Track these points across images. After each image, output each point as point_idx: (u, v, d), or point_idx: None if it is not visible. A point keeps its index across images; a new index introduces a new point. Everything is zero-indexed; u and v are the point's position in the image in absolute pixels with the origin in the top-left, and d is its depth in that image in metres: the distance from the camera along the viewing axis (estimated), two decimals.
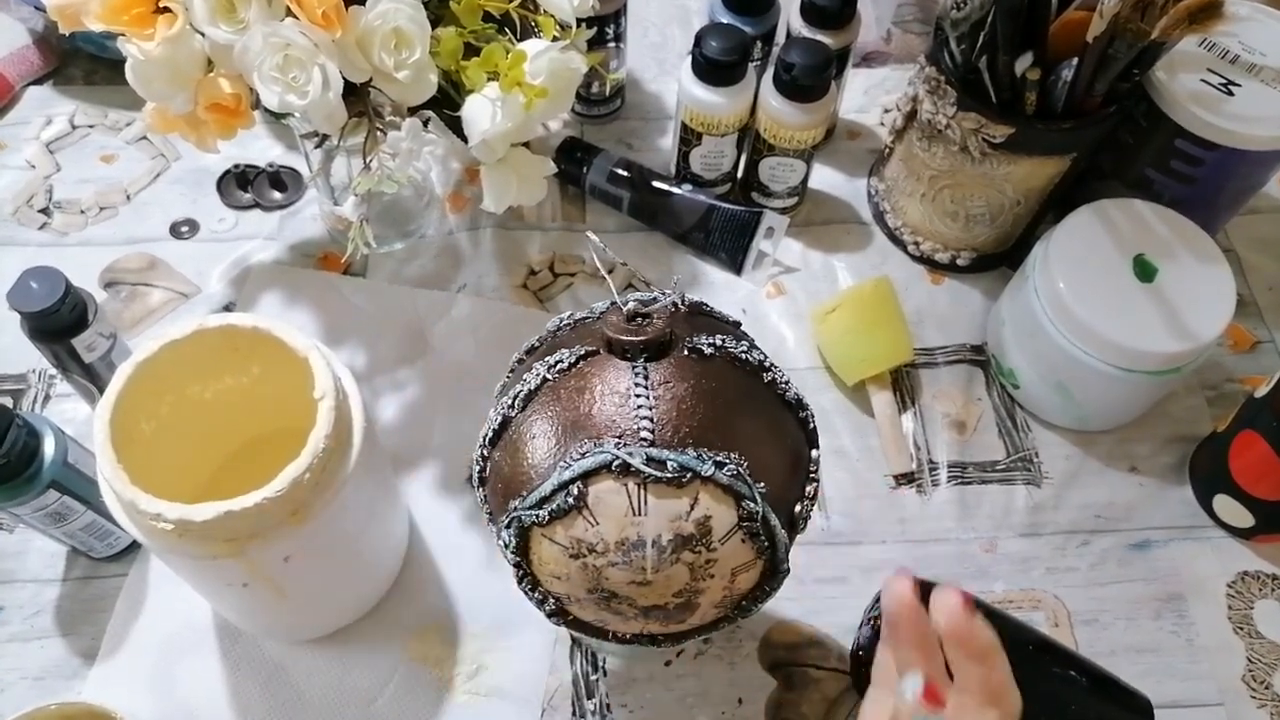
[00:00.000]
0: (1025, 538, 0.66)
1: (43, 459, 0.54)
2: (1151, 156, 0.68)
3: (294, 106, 0.51)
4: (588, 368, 0.43)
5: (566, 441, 0.42)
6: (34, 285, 0.57)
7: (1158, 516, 0.67)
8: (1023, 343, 0.68)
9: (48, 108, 0.83)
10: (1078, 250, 0.65)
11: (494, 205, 0.59)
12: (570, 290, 0.76)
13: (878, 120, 0.86)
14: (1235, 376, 0.74)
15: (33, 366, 0.70)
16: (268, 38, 0.49)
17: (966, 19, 0.61)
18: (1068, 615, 0.64)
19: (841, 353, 0.71)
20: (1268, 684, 0.61)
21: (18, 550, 0.63)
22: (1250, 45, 0.67)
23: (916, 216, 0.76)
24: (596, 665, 0.61)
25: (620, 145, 0.83)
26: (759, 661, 0.62)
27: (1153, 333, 0.62)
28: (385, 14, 0.51)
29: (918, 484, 0.68)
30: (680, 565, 0.41)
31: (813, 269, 0.78)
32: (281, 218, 0.78)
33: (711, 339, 0.44)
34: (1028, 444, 0.70)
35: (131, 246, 0.76)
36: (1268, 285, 0.78)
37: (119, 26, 0.50)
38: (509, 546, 0.44)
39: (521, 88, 0.52)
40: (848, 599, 0.63)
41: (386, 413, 0.69)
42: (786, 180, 0.76)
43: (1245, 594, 0.65)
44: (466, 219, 0.79)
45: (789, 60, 0.68)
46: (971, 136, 0.66)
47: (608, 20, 0.76)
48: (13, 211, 0.77)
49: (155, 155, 0.81)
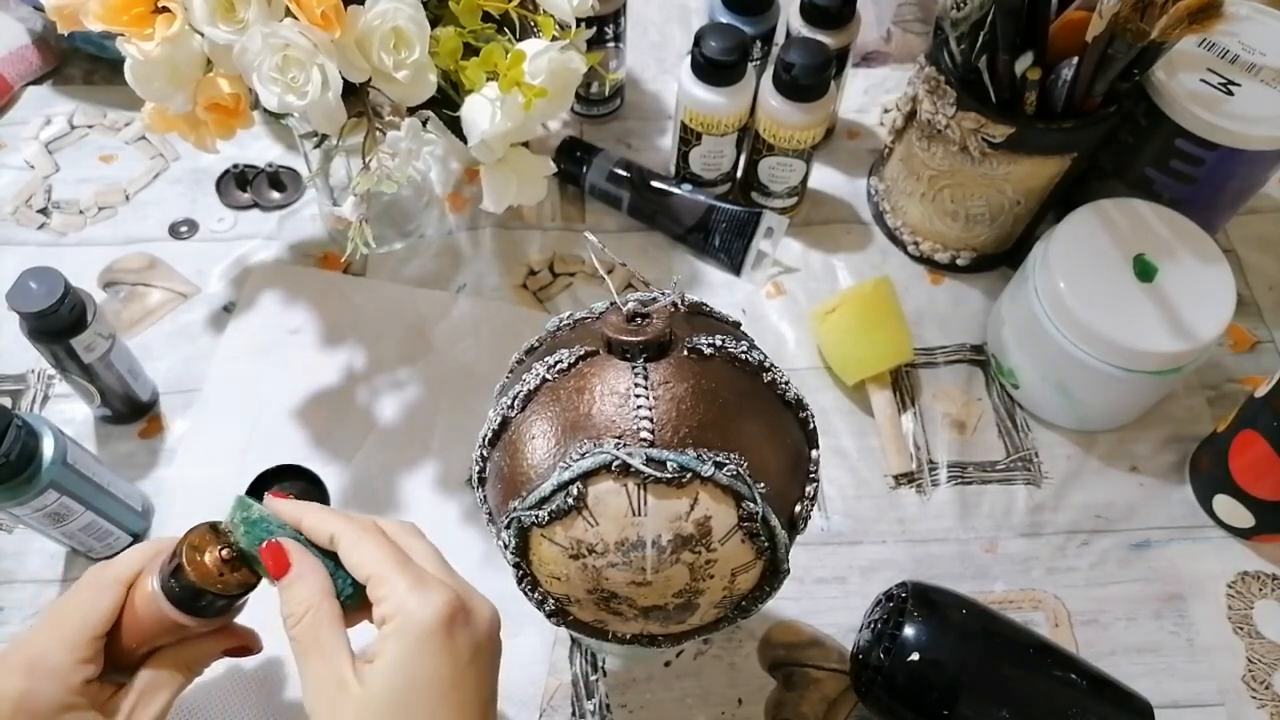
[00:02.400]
0: (1025, 538, 0.66)
1: (41, 459, 0.54)
2: (1151, 156, 0.68)
3: (293, 107, 0.50)
4: (587, 368, 0.43)
5: (566, 442, 0.42)
6: (33, 285, 0.57)
7: (1158, 516, 0.67)
8: (1023, 342, 0.68)
9: (47, 108, 0.83)
10: (1078, 250, 0.65)
11: (494, 205, 0.59)
12: (570, 290, 0.76)
13: (877, 120, 0.86)
14: (1235, 376, 0.74)
15: (31, 367, 0.70)
16: (267, 38, 0.49)
17: (966, 19, 0.61)
18: (1068, 615, 0.64)
19: (841, 353, 0.71)
20: (1268, 684, 0.61)
21: (17, 551, 0.63)
22: (1250, 45, 0.67)
23: (916, 216, 0.76)
24: (596, 665, 0.61)
25: (620, 145, 0.83)
26: (759, 661, 0.62)
27: (1153, 333, 0.62)
28: (385, 14, 0.51)
29: (918, 484, 0.68)
30: (680, 565, 0.41)
31: (813, 269, 0.78)
32: (281, 218, 0.78)
33: (711, 339, 0.44)
34: (1028, 444, 0.70)
35: (130, 246, 0.76)
36: (1268, 285, 0.78)
37: (118, 26, 0.50)
38: (508, 547, 0.44)
39: (521, 88, 0.52)
40: (848, 599, 0.63)
41: (386, 413, 0.69)
42: (786, 180, 0.76)
43: (1245, 594, 0.65)
44: (466, 219, 0.79)
45: (789, 60, 0.68)
46: (971, 136, 0.66)
47: (607, 20, 0.76)
48: (11, 211, 0.77)
49: (154, 155, 0.81)
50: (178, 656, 0.47)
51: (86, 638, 0.44)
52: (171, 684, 0.46)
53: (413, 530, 0.46)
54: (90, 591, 0.45)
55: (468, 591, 0.43)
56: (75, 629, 0.44)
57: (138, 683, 0.46)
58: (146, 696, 0.46)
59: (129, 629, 0.46)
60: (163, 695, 0.46)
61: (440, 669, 0.39)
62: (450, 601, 0.40)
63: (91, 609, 0.45)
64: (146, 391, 0.68)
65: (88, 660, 0.44)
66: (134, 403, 0.67)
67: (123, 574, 0.46)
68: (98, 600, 0.45)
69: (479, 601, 0.43)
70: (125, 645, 0.46)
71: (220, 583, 0.44)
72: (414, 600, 0.40)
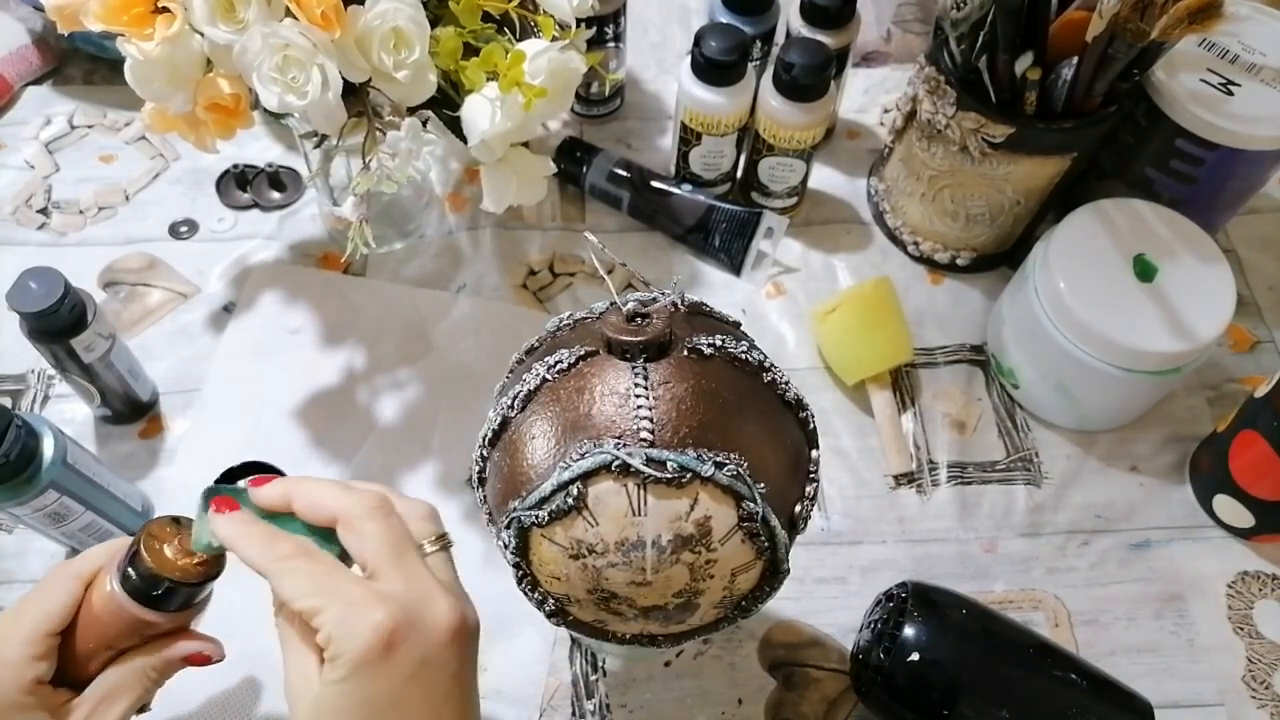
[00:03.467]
0: (1025, 538, 0.66)
1: (41, 459, 0.54)
2: (1151, 156, 0.68)
3: (293, 107, 0.50)
4: (587, 368, 0.43)
5: (566, 442, 0.42)
6: (33, 285, 0.57)
7: (1158, 516, 0.67)
8: (1023, 342, 0.68)
9: (47, 107, 0.83)
10: (1078, 250, 0.65)
11: (494, 205, 0.59)
12: (570, 290, 0.76)
13: (877, 120, 0.86)
14: (1235, 376, 0.74)
15: (31, 367, 0.70)
16: (267, 38, 0.49)
17: (966, 19, 0.61)
18: (1068, 615, 0.64)
19: (841, 353, 0.71)
20: (1268, 684, 0.61)
21: (17, 551, 0.63)
22: (1250, 45, 0.67)
23: (916, 216, 0.76)
24: (596, 666, 0.61)
25: (620, 145, 0.83)
26: (759, 661, 0.62)
27: (1153, 333, 0.62)
28: (384, 14, 0.51)
29: (918, 484, 0.68)
30: (680, 566, 0.41)
31: (813, 269, 0.78)
32: (281, 218, 0.78)
33: (711, 339, 0.44)
34: (1028, 444, 0.70)
35: (130, 246, 0.76)
36: (1268, 285, 0.78)
37: (118, 26, 0.50)
38: (508, 547, 0.44)
39: (521, 88, 0.52)
40: (848, 599, 0.63)
41: (386, 413, 0.69)
42: (786, 180, 0.76)
43: (1245, 594, 0.65)
44: (466, 219, 0.79)
45: (789, 60, 0.68)
46: (971, 136, 0.66)
47: (607, 20, 0.76)
48: (11, 211, 0.77)
49: (154, 155, 0.81)
50: (137, 664, 0.45)
51: (40, 634, 0.43)
52: (129, 693, 0.45)
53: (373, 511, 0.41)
54: (46, 587, 0.44)
55: (420, 597, 0.39)
56: (29, 624, 0.43)
57: (94, 689, 0.44)
58: (103, 705, 0.44)
59: (86, 628, 0.44)
60: (119, 705, 0.44)
61: (374, 691, 0.38)
62: (382, 623, 0.38)
63: (47, 604, 0.44)
64: (146, 391, 0.68)
65: (40, 657, 0.43)
66: (134, 403, 0.67)
67: (81, 570, 0.45)
68: (53, 596, 0.44)
69: (433, 606, 0.39)
70: (83, 647, 0.44)
71: (178, 569, 0.43)
72: (342, 630, 0.38)
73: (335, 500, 0.42)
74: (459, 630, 0.40)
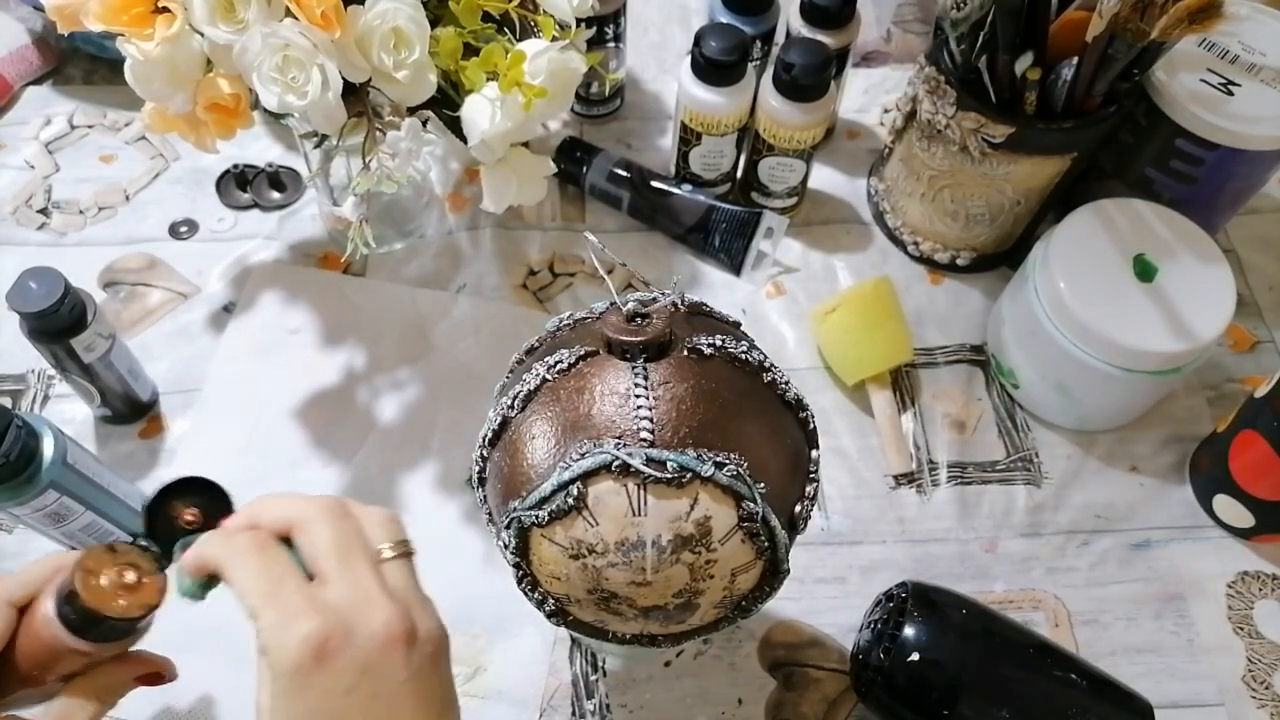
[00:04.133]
0: (1025, 538, 0.66)
1: (41, 459, 0.54)
2: (1151, 156, 0.68)
3: (293, 107, 0.50)
4: (587, 368, 0.43)
5: (566, 442, 0.42)
6: (33, 285, 0.57)
7: (1158, 516, 0.67)
8: (1023, 342, 0.68)
9: (47, 107, 0.83)
10: (1078, 250, 0.65)
11: (494, 205, 0.59)
12: (570, 290, 0.76)
13: (877, 120, 0.86)
14: (1235, 376, 0.74)
15: (31, 367, 0.70)
16: (267, 38, 0.49)
17: (966, 19, 0.61)
18: (1068, 615, 0.64)
19: (841, 353, 0.71)
20: (1268, 684, 0.61)
21: (17, 550, 0.63)
22: (1250, 45, 0.67)
23: (916, 216, 0.76)
24: (596, 666, 0.61)
25: (620, 145, 0.83)
26: (759, 661, 0.62)
27: (1153, 333, 0.62)
28: (384, 14, 0.51)
29: (918, 484, 0.68)
30: (680, 566, 0.41)
31: (813, 269, 0.78)
32: (281, 218, 0.78)
33: (711, 339, 0.44)
34: (1028, 444, 0.70)
35: (130, 246, 0.76)
36: (1268, 285, 0.78)
37: (118, 26, 0.50)
38: (508, 547, 0.44)
39: (521, 88, 0.52)
40: (848, 599, 0.63)
41: (386, 413, 0.69)
42: (786, 180, 0.76)
43: (1245, 594, 0.65)
44: (466, 219, 0.79)
45: (789, 60, 0.68)
46: (971, 136, 0.66)
47: (607, 20, 0.76)
48: (11, 211, 0.77)
49: (154, 155, 0.81)
50: (88, 685, 0.43)
51: None
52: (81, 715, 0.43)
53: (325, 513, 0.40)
54: None
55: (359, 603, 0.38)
56: None
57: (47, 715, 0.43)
58: None
59: (27, 653, 0.42)
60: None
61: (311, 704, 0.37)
62: (310, 635, 0.36)
63: None
64: (146, 391, 0.68)
65: None
66: (134, 403, 0.67)
67: (13, 595, 0.42)
68: None
69: (371, 613, 0.38)
70: (26, 671, 0.42)
71: (118, 608, 0.41)
72: (275, 639, 0.37)
73: (290, 507, 0.41)
74: (400, 637, 0.38)
